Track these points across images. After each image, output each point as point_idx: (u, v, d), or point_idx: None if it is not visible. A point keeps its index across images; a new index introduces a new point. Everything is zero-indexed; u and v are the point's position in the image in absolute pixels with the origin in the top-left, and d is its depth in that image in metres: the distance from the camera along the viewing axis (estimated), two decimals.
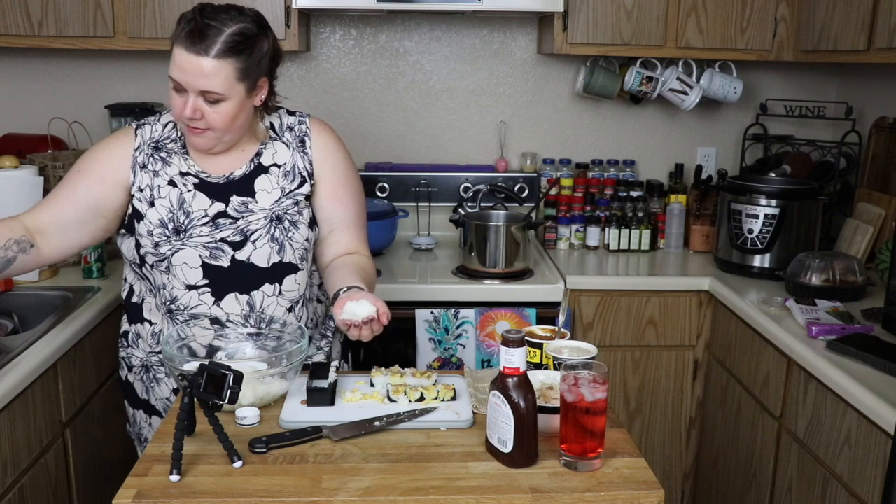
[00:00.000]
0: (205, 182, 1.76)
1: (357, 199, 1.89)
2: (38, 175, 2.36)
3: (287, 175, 1.80)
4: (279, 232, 1.77)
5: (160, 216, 1.74)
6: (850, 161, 2.87)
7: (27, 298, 2.24)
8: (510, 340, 1.33)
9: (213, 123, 1.67)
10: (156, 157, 1.76)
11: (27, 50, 2.87)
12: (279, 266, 1.78)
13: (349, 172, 1.88)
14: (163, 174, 1.75)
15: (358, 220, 1.89)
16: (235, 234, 1.75)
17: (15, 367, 1.77)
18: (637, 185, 3.05)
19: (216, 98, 1.64)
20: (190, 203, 1.74)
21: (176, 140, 1.79)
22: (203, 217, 1.74)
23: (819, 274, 2.33)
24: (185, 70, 1.61)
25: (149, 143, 1.77)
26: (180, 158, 1.77)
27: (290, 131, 1.84)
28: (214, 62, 1.61)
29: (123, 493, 1.27)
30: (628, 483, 1.34)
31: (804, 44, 2.65)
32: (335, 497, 1.28)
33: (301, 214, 1.80)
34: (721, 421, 2.56)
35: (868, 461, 1.73)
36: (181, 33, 1.61)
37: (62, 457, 1.99)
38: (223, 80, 1.62)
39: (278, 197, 1.78)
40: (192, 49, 1.60)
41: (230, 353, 1.72)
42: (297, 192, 1.80)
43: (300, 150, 1.82)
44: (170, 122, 1.80)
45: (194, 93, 1.63)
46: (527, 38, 3.06)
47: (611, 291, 2.61)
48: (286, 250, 1.78)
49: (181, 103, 1.65)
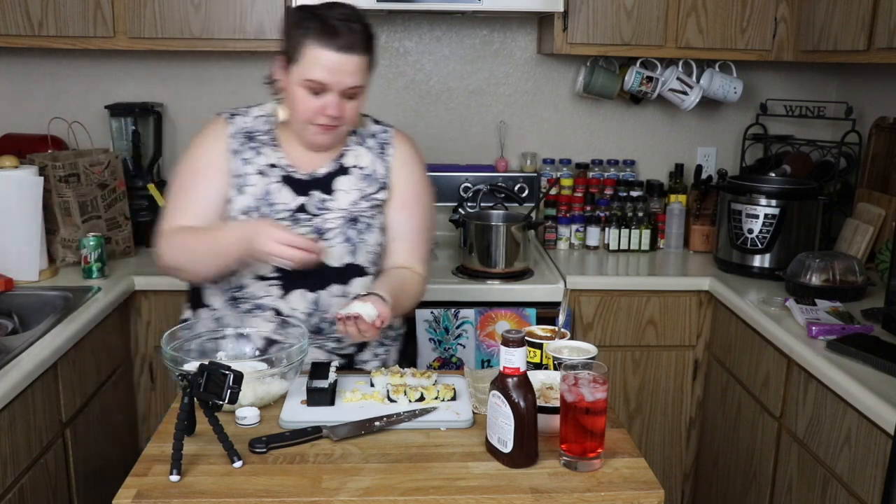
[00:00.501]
0: (290, 176, 1.78)
1: (424, 213, 1.89)
2: (38, 175, 2.36)
3: (366, 178, 1.82)
4: (354, 233, 1.79)
5: (245, 204, 1.75)
6: (850, 161, 2.87)
7: (27, 298, 2.24)
8: (510, 340, 1.33)
9: (348, 118, 1.71)
10: (248, 145, 1.78)
11: (27, 50, 2.87)
12: (350, 267, 1.79)
13: (422, 186, 1.89)
14: (253, 163, 1.77)
15: (419, 236, 1.88)
16: (312, 231, 1.76)
17: (15, 367, 1.77)
18: (637, 185, 3.05)
19: (356, 93, 1.68)
20: (274, 195, 1.76)
21: (267, 132, 1.80)
22: (284, 211, 1.76)
23: (819, 274, 2.33)
24: (334, 70, 1.64)
25: (241, 131, 1.79)
26: (270, 150, 1.79)
27: (373, 138, 1.85)
28: (359, 58, 1.66)
29: (123, 493, 1.27)
30: (628, 483, 1.34)
31: (804, 44, 2.65)
32: (335, 497, 1.28)
33: (374, 219, 1.82)
34: (721, 421, 2.56)
35: (868, 461, 1.73)
36: (315, 34, 1.63)
37: (62, 457, 1.99)
38: (364, 73, 1.69)
39: (356, 199, 1.80)
40: (340, 49, 1.63)
41: (230, 354, 1.72)
42: (374, 196, 1.82)
43: (381, 156, 1.84)
44: (261, 115, 1.82)
45: (338, 91, 1.66)
46: (527, 38, 3.06)
47: (611, 291, 2.61)
48: (359, 252, 1.80)
49: (320, 104, 1.67)
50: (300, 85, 1.67)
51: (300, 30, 1.65)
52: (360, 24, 1.67)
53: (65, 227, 2.50)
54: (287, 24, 1.71)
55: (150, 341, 2.51)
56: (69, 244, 2.50)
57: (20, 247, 2.32)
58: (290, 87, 1.69)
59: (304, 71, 1.65)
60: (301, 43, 1.65)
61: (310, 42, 1.64)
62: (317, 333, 1.79)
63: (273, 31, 2.62)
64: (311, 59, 1.64)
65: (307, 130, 1.73)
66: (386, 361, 1.93)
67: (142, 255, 2.72)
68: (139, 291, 2.47)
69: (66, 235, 2.50)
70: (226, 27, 2.62)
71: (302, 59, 1.65)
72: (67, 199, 2.49)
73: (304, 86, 1.67)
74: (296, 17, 1.68)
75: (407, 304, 1.83)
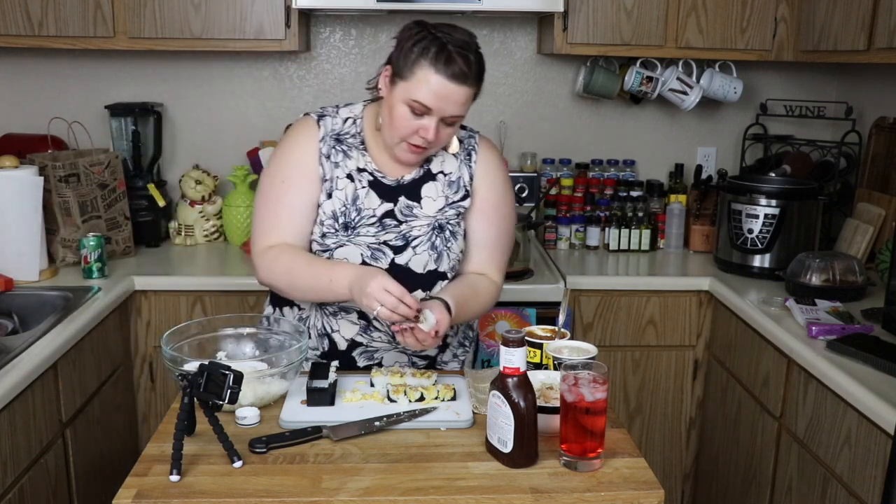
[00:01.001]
0: (378, 182, 1.77)
1: (504, 222, 1.86)
2: (38, 175, 2.36)
3: (452, 185, 1.80)
4: (440, 241, 1.78)
5: (334, 208, 1.75)
6: (850, 161, 2.87)
7: (27, 298, 2.24)
8: (510, 340, 1.33)
9: (440, 142, 1.70)
10: (337, 148, 1.77)
11: (27, 50, 2.87)
12: (433, 274, 1.78)
13: (504, 195, 1.86)
14: (343, 166, 1.76)
15: (497, 243, 1.86)
16: (398, 238, 1.75)
17: (15, 367, 1.77)
18: (637, 185, 3.05)
19: (455, 121, 1.68)
20: (362, 200, 1.75)
21: (355, 136, 1.79)
22: (371, 217, 1.75)
23: (819, 274, 2.33)
24: (441, 96, 1.62)
25: (331, 134, 1.78)
26: (359, 154, 1.78)
27: (459, 143, 1.83)
28: (468, 90, 1.64)
29: (123, 493, 1.27)
30: (628, 483, 1.34)
31: (804, 44, 2.65)
32: (335, 497, 1.28)
33: (459, 226, 1.81)
34: (721, 421, 2.56)
35: (868, 461, 1.73)
36: (432, 58, 1.60)
37: (62, 457, 1.99)
38: (469, 104, 1.67)
39: (442, 206, 1.79)
40: (454, 79, 1.61)
41: (230, 354, 1.72)
42: (460, 203, 1.80)
43: (466, 163, 1.82)
44: (349, 118, 1.80)
45: (439, 117, 1.64)
46: (527, 38, 3.06)
47: (611, 291, 2.61)
48: (443, 259, 1.79)
49: (418, 125, 1.65)
50: (404, 102, 1.64)
51: (417, 48, 1.62)
52: (475, 56, 1.65)
53: (65, 227, 2.50)
54: (404, 37, 1.67)
55: (150, 341, 2.51)
56: (69, 244, 2.50)
57: (20, 247, 2.32)
58: (392, 101, 1.66)
59: (412, 90, 1.62)
60: (415, 62, 1.62)
61: (424, 63, 1.61)
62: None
63: (273, 31, 2.62)
64: (421, 80, 1.61)
65: (398, 147, 1.70)
66: (465, 362, 1.94)
67: (142, 255, 2.72)
68: (139, 291, 2.47)
69: (66, 235, 2.50)
70: (226, 27, 2.62)
71: (412, 77, 1.62)
72: (67, 199, 2.49)
73: (407, 103, 1.64)
74: (415, 34, 1.64)
75: (477, 310, 1.82)
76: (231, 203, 2.87)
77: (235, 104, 3.04)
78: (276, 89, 3.04)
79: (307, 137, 1.77)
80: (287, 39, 2.63)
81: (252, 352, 1.73)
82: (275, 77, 3.03)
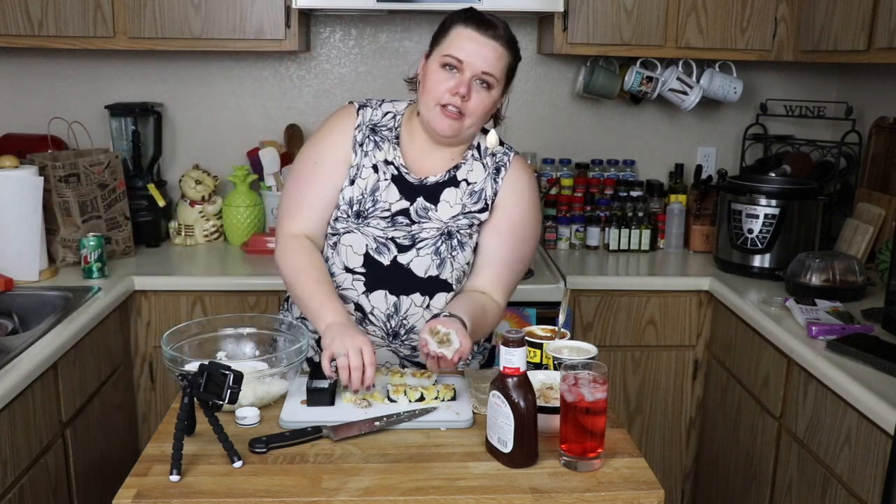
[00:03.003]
0: (402, 177, 1.77)
1: (519, 245, 1.82)
2: (38, 175, 2.36)
3: (473, 195, 1.78)
4: (445, 248, 1.77)
5: (353, 195, 1.76)
6: (850, 161, 2.87)
7: (27, 298, 2.24)
8: (510, 340, 1.33)
9: (472, 109, 1.70)
10: (371, 138, 1.78)
11: (27, 50, 2.87)
12: (433, 280, 1.77)
13: (526, 217, 1.82)
14: (371, 156, 1.77)
15: (507, 264, 1.82)
16: (406, 237, 1.76)
17: (15, 367, 1.77)
18: (637, 185, 3.05)
19: (489, 83, 1.69)
20: (381, 192, 1.76)
21: (392, 129, 1.79)
22: (385, 210, 1.76)
23: (819, 274, 2.33)
24: (472, 50, 1.66)
25: (368, 123, 1.79)
26: (390, 146, 1.78)
27: (493, 157, 1.82)
28: (501, 48, 1.68)
29: (123, 493, 1.27)
30: (628, 483, 1.34)
31: (804, 44, 2.65)
32: (335, 497, 1.28)
33: (471, 238, 1.79)
34: (721, 421, 2.56)
35: (868, 461, 1.73)
36: (462, 19, 1.69)
37: (62, 457, 1.99)
38: (502, 67, 1.70)
39: (457, 213, 1.77)
40: (483, 31, 1.67)
41: (230, 354, 1.72)
42: (476, 215, 1.78)
43: (493, 177, 1.80)
44: (390, 112, 1.81)
45: (471, 73, 1.67)
46: (527, 38, 3.06)
47: (611, 291, 2.61)
48: (445, 267, 1.77)
49: (452, 84, 1.67)
50: (438, 62, 1.69)
51: (450, 18, 1.70)
52: (505, 24, 1.71)
53: (65, 227, 2.50)
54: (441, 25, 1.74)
55: (150, 341, 2.51)
56: (69, 244, 2.50)
57: (20, 247, 2.32)
58: (428, 70, 1.71)
59: (445, 48, 1.68)
60: (448, 26, 1.70)
61: (457, 24, 1.69)
62: (394, 337, 1.79)
63: (273, 31, 2.62)
64: (453, 36, 1.68)
65: (433, 114, 1.70)
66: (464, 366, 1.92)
67: (142, 255, 2.72)
68: (139, 291, 2.47)
69: (66, 235, 2.50)
70: (226, 27, 2.62)
71: (445, 39, 1.69)
72: (67, 199, 2.49)
73: (441, 62, 1.68)
74: (449, 15, 1.72)
75: (482, 332, 1.80)
76: (231, 203, 2.87)
77: (235, 104, 3.04)
78: (276, 89, 3.04)
79: (344, 124, 1.80)
80: (287, 39, 2.63)
81: (252, 352, 1.73)
82: (275, 77, 3.03)
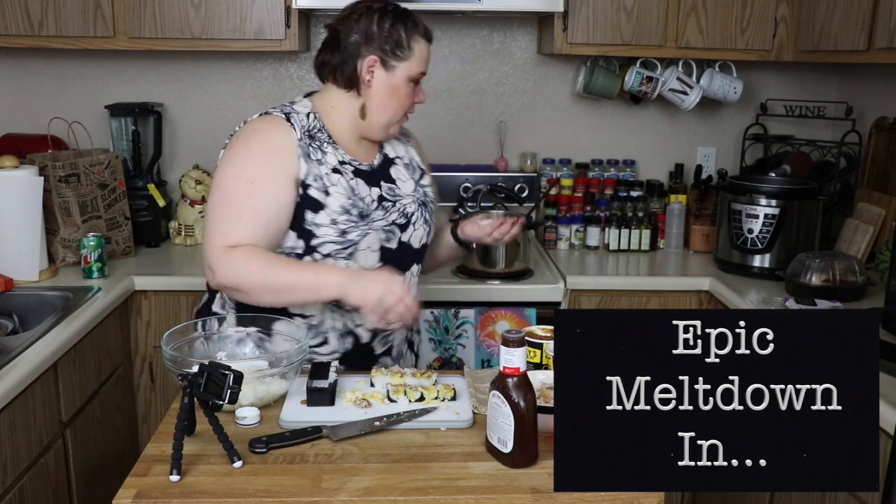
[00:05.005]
0: (358, 169, 1.79)
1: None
2: (38, 175, 2.36)
3: (408, 167, 1.88)
4: (428, 215, 1.88)
5: (340, 203, 1.73)
6: (850, 161, 2.87)
7: (27, 298, 2.24)
8: (510, 340, 1.33)
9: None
10: (313, 146, 1.74)
11: (27, 50, 2.87)
12: (424, 248, 1.88)
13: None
14: (325, 163, 1.74)
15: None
16: (401, 216, 1.81)
17: (15, 367, 1.77)
18: (637, 185, 3.05)
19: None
20: (359, 189, 1.77)
21: (321, 130, 1.77)
22: (373, 202, 1.78)
23: (819, 274, 2.33)
24: (427, 59, 1.77)
25: (303, 132, 1.74)
26: (330, 147, 1.77)
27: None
28: None
29: (123, 493, 1.27)
30: None
31: (804, 44, 2.65)
32: (335, 497, 1.28)
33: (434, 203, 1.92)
34: None
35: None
36: (421, 32, 1.75)
37: (62, 457, 1.99)
38: None
39: (413, 187, 1.86)
40: (429, 41, 1.78)
41: (230, 354, 1.72)
42: (422, 183, 1.89)
43: (406, 144, 1.92)
44: (308, 112, 1.76)
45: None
46: (527, 38, 3.06)
47: (611, 291, 2.61)
48: (431, 233, 1.89)
49: (414, 93, 1.77)
50: (407, 77, 1.74)
51: (401, 27, 1.72)
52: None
53: (65, 227, 2.50)
54: (382, 25, 1.71)
55: (150, 341, 2.51)
56: (69, 244, 2.50)
57: (20, 247, 2.32)
58: (395, 84, 1.73)
59: (415, 65, 1.74)
60: (410, 40, 1.72)
61: (417, 37, 1.74)
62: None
63: (273, 31, 2.62)
64: (417, 52, 1.74)
65: (394, 125, 1.79)
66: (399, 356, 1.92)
67: (142, 255, 2.72)
68: (139, 291, 2.47)
69: (66, 235, 2.50)
70: (226, 27, 2.62)
71: (411, 55, 1.73)
72: (67, 199, 2.49)
73: (411, 77, 1.74)
74: (392, 19, 1.72)
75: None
76: None
77: (235, 104, 3.04)
78: (276, 89, 3.04)
79: (281, 136, 1.70)
80: (287, 39, 2.63)
81: (252, 352, 1.73)
82: (275, 77, 3.03)
